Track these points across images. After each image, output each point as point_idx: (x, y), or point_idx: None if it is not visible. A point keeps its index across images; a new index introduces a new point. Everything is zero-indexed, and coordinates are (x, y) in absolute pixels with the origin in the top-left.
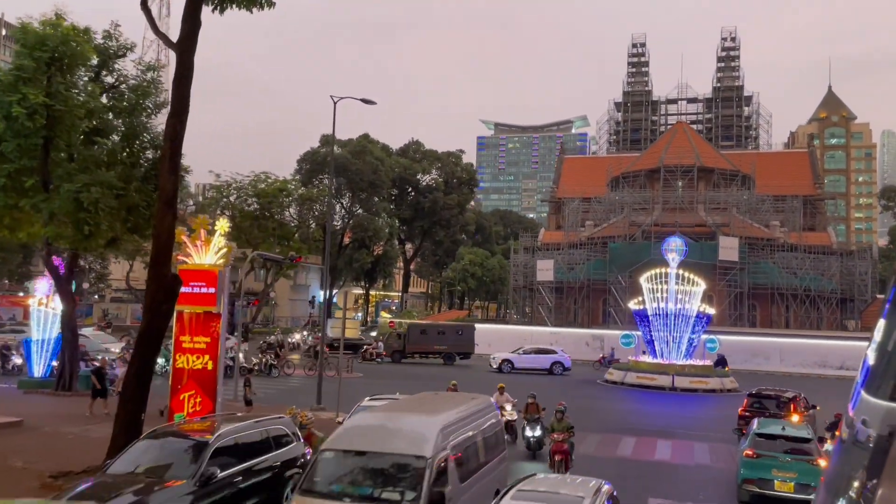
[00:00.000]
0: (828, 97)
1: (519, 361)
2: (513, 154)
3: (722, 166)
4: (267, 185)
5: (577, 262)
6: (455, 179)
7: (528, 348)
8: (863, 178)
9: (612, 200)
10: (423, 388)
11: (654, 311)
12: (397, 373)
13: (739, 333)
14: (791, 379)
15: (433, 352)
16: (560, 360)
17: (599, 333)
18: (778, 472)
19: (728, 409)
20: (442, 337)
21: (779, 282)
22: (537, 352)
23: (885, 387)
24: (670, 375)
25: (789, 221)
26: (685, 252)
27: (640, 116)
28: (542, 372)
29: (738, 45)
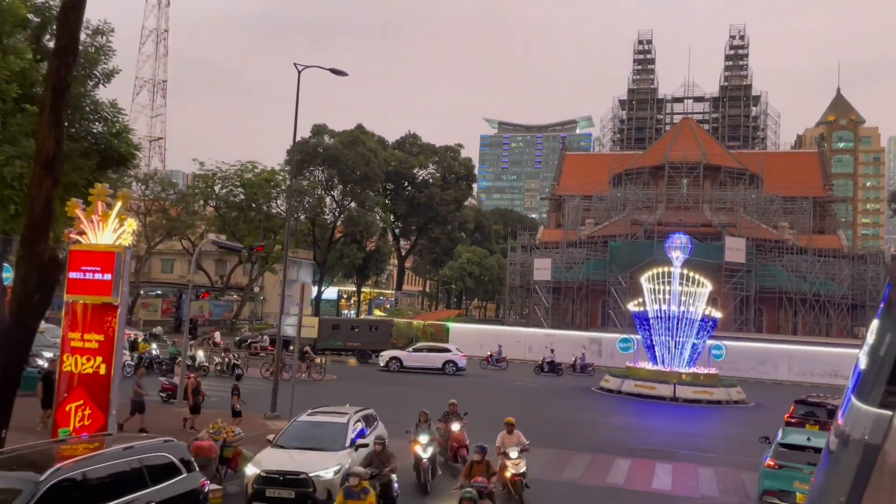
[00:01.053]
0: (836, 100)
1: (408, 359)
2: (516, 153)
3: (729, 164)
4: (254, 176)
5: (576, 262)
6: (452, 174)
7: (419, 346)
8: (870, 182)
9: (615, 198)
10: (404, 396)
11: (656, 314)
12: (375, 377)
13: (745, 339)
14: (801, 389)
15: (346, 349)
16: (453, 359)
17: (597, 336)
18: (800, 484)
19: (736, 423)
20: (354, 333)
21: (787, 285)
22: (430, 350)
23: (875, 392)
24: (671, 384)
25: (798, 223)
26: (690, 250)
27: (646, 115)
28: (434, 371)
29: (747, 43)
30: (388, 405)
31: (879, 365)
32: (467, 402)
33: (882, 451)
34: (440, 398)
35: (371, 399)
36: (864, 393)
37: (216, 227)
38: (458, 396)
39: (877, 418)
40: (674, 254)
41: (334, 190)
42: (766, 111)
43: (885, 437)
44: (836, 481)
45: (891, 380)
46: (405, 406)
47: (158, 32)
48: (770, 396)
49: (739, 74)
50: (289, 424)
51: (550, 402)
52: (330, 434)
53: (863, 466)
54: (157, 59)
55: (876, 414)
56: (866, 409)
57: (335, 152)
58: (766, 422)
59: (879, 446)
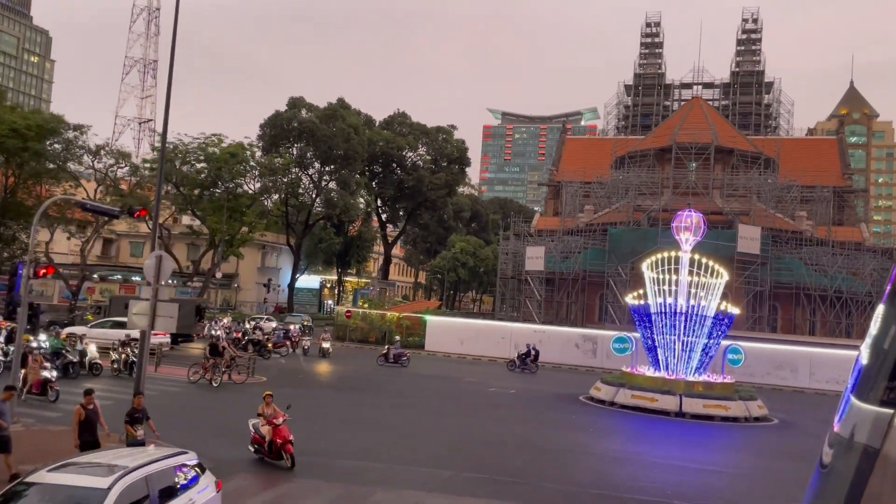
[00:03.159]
0: (849, 94)
1: None
2: (519, 145)
3: (742, 147)
4: (220, 150)
5: (572, 251)
6: (444, 157)
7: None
8: (883, 178)
9: (616, 183)
10: (337, 396)
11: (659, 308)
12: (321, 379)
13: (761, 340)
14: (827, 399)
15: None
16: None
17: (592, 334)
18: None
19: (763, 451)
20: None
21: (805, 280)
22: None
23: (876, 388)
24: (677, 396)
25: (816, 214)
26: (703, 231)
27: (652, 101)
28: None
29: (761, 27)
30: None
31: (882, 358)
32: (418, 416)
33: (881, 454)
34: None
35: (305, 414)
36: (864, 391)
37: (178, 206)
38: (413, 410)
39: (876, 418)
40: (682, 235)
41: (310, 168)
42: (779, 98)
43: (884, 438)
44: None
45: (893, 375)
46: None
47: (150, 11)
48: (795, 410)
49: (752, 60)
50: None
51: (525, 418)
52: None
53: (859, 473)
54: (148, 38)
55: (875, 413)
56: (868, 409)
57: (310, 126)
58: (802, 449)
59: (878, 449)
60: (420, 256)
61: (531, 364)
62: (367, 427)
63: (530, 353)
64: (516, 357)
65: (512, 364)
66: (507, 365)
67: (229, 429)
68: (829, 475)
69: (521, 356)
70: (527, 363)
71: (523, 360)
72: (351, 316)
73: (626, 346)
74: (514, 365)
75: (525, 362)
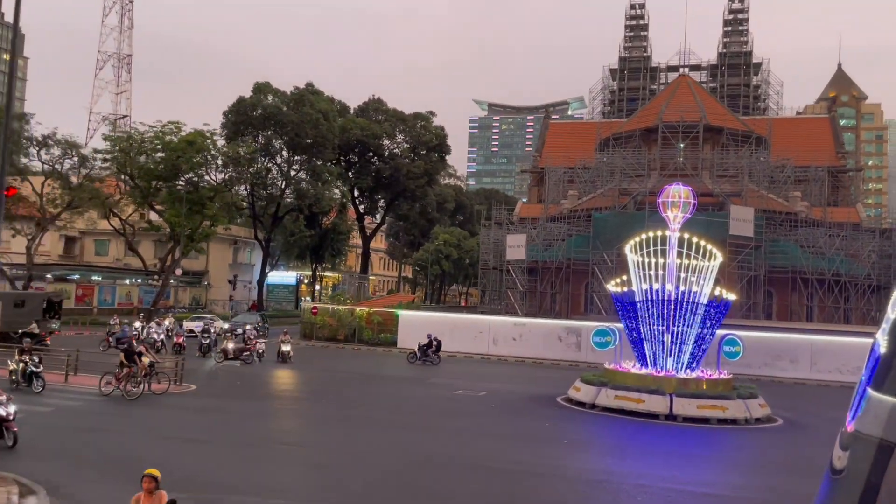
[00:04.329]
0: (837, 76)
1: None
2: (506, 136)
3: (732, 126)
4: (179, 139)
5: (556, 239)
6: (422, 145)
7: None
8: (873, 161)
9: (601, 167)
10: (267, 410)
11: (645, 296)
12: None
13: (757, 328)
14: (831, 391)
15: None
16: None
17: (576, 325)
18: None
19: (771, 465)
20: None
21: (801, 264)
22: None
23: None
24: (667, 396)
25: (810, 194)
26: (693, 207)
27: (638, 84)
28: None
29: (748, 7)
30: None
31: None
32: (358, 432)
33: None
34: (327, 424)
35: (214, 434)
36: (884, 382)
37: (134, 199)
38: (354, 424)
39: (892, 409)
40: (670, 213)
41: (277, 157)
42: (767, 79)
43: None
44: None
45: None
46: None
47: (123, 4)
48: (799, 406)
49: (739, 41)
50: None
51: (488, 428)
52: None
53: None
54: (121, 32)
55: (892, 404)
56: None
57: (275, 112)
58: (817, 460)
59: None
60: (404, 249)
61: (433, 355)
62: (286, 451)
63: (431, 344)
64: (417, 348)
65: (413, 356)
66: (408, 357)
67: (125, 459)
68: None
69: (423, 347)
70: (428, 354)
71: (424, 351)
72: (318, 312)
73: (608, 340)
74: (416, 357)
75: (427, 354)
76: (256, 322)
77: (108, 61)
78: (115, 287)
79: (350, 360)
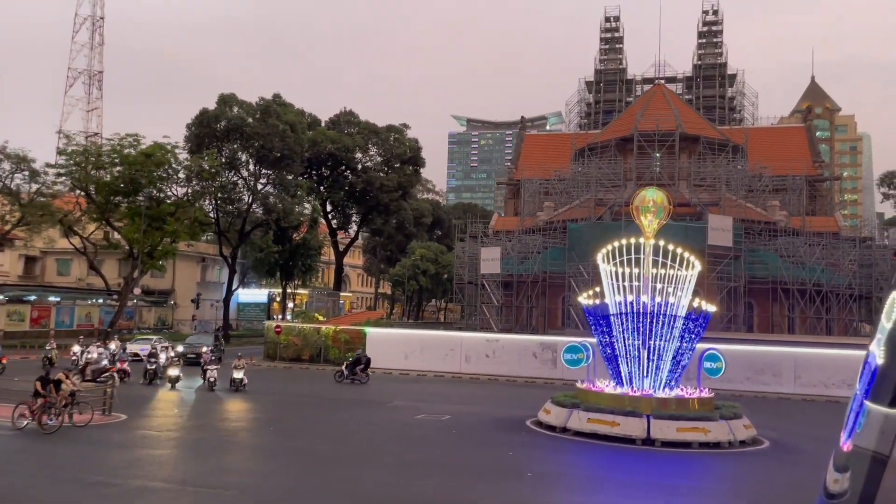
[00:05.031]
0: (811, 88)
1: None
2: (485, 151)
3: (709, 135)
4: (137, 152)
5: (531, 252)
6: (396, 158)
7: None
8: (847, 172)
9: (577, 177)
10: (181, 445)
11: (619, 309)
12: (211, 421)
13: (739, 341)
14: (816, 406)
15: None
16: None
17: (551, 341)
18: None
19: (761, 497)
20: None
21: (782, 274)
22: None
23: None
24: (644, 417)
25: (788, 203)
26: (669, 213)
27: (614, 97)
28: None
29: (721, 19)
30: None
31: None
32: (282, 473)
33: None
34: (245, 464)
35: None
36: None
37: (90, 215)
38: (284, 462)
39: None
40: (645, 218)
41: (243, 170)
42: (742, 91)
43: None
44: None
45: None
46: None
47: (94, 20)
48: (785, 425)
49: (714, 52)
50: None
51: (444, 460)
52: None
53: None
54: (92, 48)
55: (884, 415)
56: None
57: (239, 123)
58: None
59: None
60: (381, 265)
61: (361, 374)
62: (201, 497)
63: (360, 361)
64: (345, 366)
65: (340, 375)
66: (335, 377)
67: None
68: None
69: (350, 365)
70: (356, 373)
71: (352, 369)
72: (281, 331)
73: (580, 357)
74: (343, 375)
75: (354, 372)
76: (211, 344)
77: (78, 78)
78: (75, 308)
79: (312, 383)
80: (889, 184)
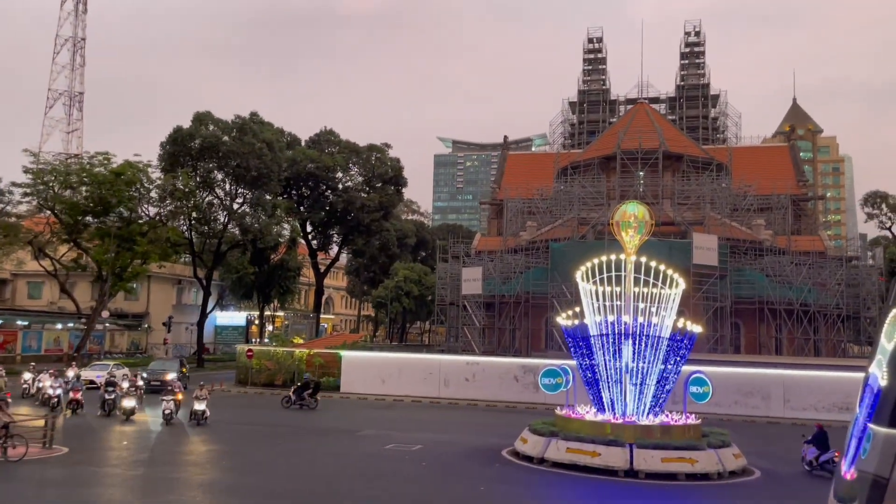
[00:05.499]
0: (792, 110)
1: None
2: (471, 173)
3: (692, 153)
4: (108, 171)
5: (513, 272)
6: (377, 177)
7: None
8: (831, 193)
9: (559, 196)
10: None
11: (599, 330)
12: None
13: (726, 363)
14: (807, 430)
15: None
16: None
17: (533, 364)
18: None
19: None
20: None
21: (769, 293)
22: None
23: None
24: (626, 447)
25: (773, 223)
26: (652, 228)
27: (598, 117)
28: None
29: (703, 40)
30: None
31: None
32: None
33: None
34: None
35: None
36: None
37: (58, 236)
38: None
39: (885, 442)
40: (626, 234)
41: (218, 189)
42: (725, 111)
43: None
44: None
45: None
46: None
47: (75, 41)
48: (777, 452)
49: (696, 73)
50: None
51: (415, 496)
52: None
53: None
54: (73, 69)
55: (884, 436)
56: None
57: (214, 142)
58: None
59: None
60: (364, 287)
61: (309, 399)
62: None
63: (309, 385)
64: (292, 391)
65: (287, 400)
66: (282, 402)
67: None
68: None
69: (298, 389)
70: (304, 398)
71: (300, 394)
72: (253, 355)
73: (558, 382)
74: (290, 401)
75: (302, 397)
76: (177, 370)
77: (58, 99)
78: (42, 332)
79: (282, 410)
80: (873, 203)
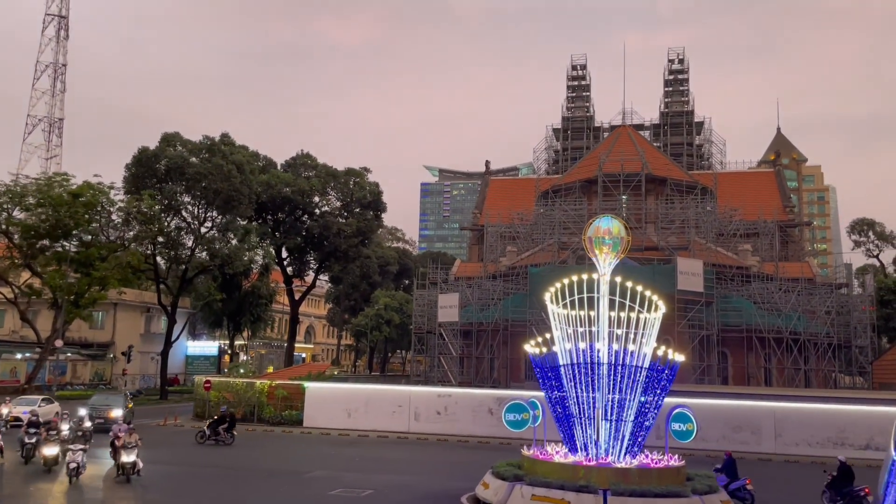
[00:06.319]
0: (777, 139)
1: None
2: (457, 201)
3: (676, 177)
4: (66, 192)
5: (492, 299)
6: (356, 202)
7: None
8: (816, 222)
9: (540, 221)
10: None
11: (570, 359)
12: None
13: (713, 395)
14: (801, 469)
15: None
16: None
17: (508, 395)
18: None
19: None
20: None
21: (757, 321)
22: None
23: None
24: (600, 494)
25: (760, 249)
26: (627, 245)
27: (581, 144)
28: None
29: (687, 67)
30: None
31: None
32: None
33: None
34: None
35: None
36: None
37: (13, 261)
38: None
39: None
40: (599, 253)
41: (184, 212)
42: (710, 138)
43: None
44: None
45: None
46: None
47: (56, 67)
48: (769, 496)
49: (680, 101)
50: None
51: None
52: None
53: None
54: (53, 95)
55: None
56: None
57: (180, 163)
58: None
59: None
60: (344, 315)
61: (225, 434)
62: None
63: (225, 419)
64: (207, 426)
65: (202, 435)
66: (197, 437)
67: None
68: None
69: (213, 423)
70: (219, 432)
71: (214, 428)
72: (211, 387)
73: (524, 418)
74: (205, 436)
75: (217, 431)
76: (122, 405)
77: (37, 125)
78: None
79: (232, 448)
80: (860, 231)
